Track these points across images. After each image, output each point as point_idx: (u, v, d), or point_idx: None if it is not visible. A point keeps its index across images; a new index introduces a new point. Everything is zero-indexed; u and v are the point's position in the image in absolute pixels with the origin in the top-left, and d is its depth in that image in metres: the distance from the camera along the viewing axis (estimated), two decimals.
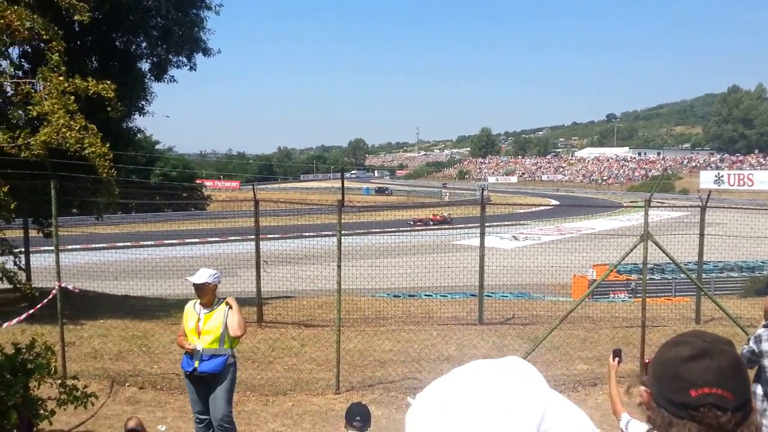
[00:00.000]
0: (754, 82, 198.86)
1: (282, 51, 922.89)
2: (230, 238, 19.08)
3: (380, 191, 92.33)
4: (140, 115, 17.26)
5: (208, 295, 6.56)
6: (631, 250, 9.69)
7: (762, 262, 21.72)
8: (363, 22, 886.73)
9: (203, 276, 6.51)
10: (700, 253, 13.76)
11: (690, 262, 14.91)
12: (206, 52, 17.43)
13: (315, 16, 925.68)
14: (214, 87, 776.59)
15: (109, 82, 10.14)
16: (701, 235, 13.56)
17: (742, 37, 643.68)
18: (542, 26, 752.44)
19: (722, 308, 9.97)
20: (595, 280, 15.61)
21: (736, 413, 1.42)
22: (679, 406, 1.45)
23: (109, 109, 10.44)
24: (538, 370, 1.07)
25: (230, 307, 6.59)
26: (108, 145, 10.09)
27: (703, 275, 17.68)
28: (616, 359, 2.59)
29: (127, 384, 9.28)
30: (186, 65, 17.31)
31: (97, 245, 20.11)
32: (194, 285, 6.53)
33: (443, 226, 28.03)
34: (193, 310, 6.61)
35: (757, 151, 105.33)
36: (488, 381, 1.02)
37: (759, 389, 4.74)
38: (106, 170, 10.05)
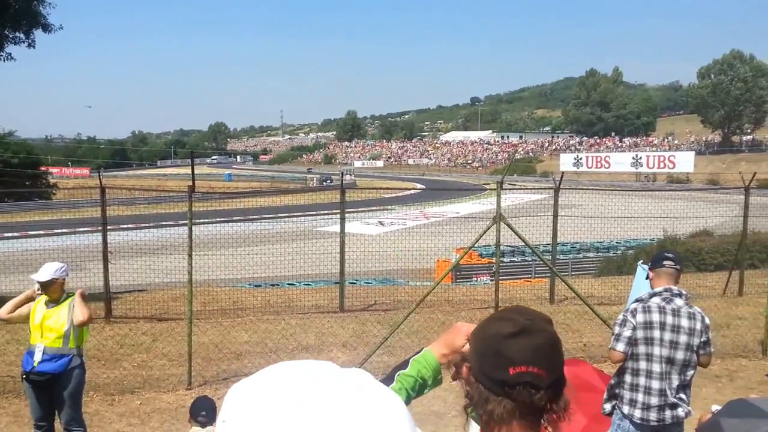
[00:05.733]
0: (611, 66, 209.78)
1: (135, 26, 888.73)
2: (77, 229, 17.91)
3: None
4: None
5: (56, 292, 6.08)
6: (484, 233, 9.93)
7: (616, 243, 22.64)
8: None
9: (48, 272, 5.99)
10: (554, 235, 14.26)
11: (547, 244, 15.35)
12: (46, 27, 16.28)
13: None
14: (60, 65, 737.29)
15: None
16: (555, 216, 14.03)
17: (601, 20, 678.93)
18: (406, 11, 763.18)
19: (572, 288, 10.41)
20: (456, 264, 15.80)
21: (548, 390, 1.45)
22: (497, 383, 1.47)
23: None
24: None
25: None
26: None
27: (560, 256, 18.37)
28: None
29: None
30: (24, 42, 16.10)
31: None
32: (40, 283, 6.00)
33: (307, 213, 27.68)
34: (41, 305, 6.11)
35: (613, 133, 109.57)
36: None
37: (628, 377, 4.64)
38: None
